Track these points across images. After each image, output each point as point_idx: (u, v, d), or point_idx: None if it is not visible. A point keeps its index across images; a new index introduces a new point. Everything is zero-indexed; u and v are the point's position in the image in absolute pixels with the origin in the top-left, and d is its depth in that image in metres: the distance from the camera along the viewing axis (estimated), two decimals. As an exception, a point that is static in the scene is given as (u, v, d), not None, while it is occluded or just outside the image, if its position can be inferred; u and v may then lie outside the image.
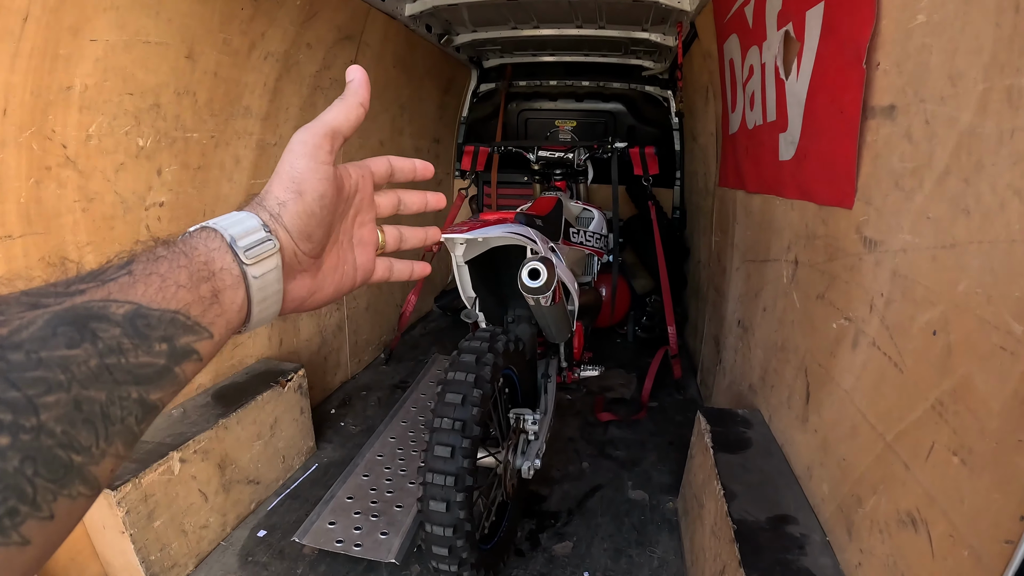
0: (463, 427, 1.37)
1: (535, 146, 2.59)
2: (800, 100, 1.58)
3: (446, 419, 1.38)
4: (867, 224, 1.21)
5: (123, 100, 1.65)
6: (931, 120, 0.99)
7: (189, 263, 0.40)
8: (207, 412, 1.97)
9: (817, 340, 1.44)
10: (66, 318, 0.31)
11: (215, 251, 0.42)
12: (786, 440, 1.58)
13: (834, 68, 1.36)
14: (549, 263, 1.43)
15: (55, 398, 0.29)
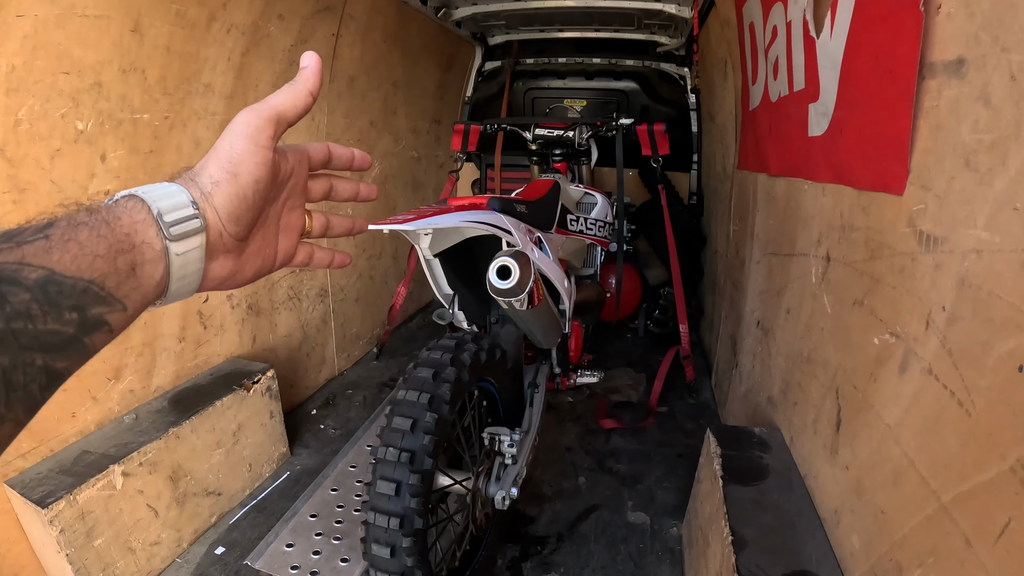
0: (411, 459, 1.14)
1: (531, 124, 2.33)
2: (835, 61, 1.31)
3: (391, 449, 1.15)
4: (923, 215, 0.95)
5: (57, 80, 1.48)
6: (1019, 75, 0.73)
7: (110, 232, 0.39)
8: (160, 419, 1.79)
9: (853, 356, 1.18)
10: None
11: (139, 223, 0.41)
12: (810, 471, 1.33)
13: (880, 16, 1.08)
14: (524, 259, 1.19)
15: None
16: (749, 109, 2.27)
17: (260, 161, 0.49)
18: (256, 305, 2.28)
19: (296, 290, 2.51)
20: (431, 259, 1.49)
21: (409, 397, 1.19)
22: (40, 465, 1.57)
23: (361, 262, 3.01)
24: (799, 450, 1.41)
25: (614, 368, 2.96)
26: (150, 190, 0.43)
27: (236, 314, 2.18)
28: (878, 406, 1.05)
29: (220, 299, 2.10)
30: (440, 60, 3.66)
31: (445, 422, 1.20)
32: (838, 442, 1.20)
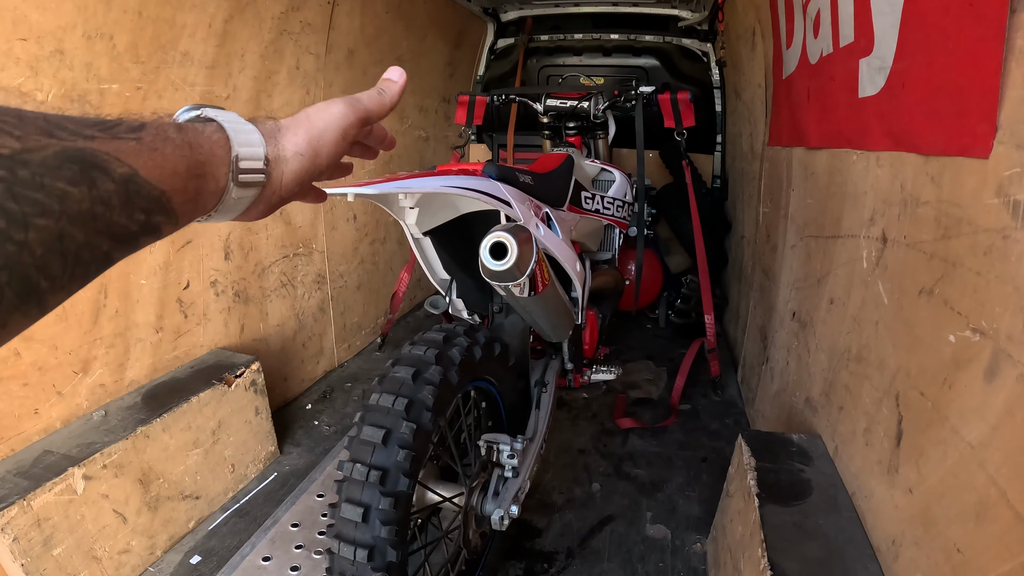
0: (383, 478, 0.96)
1: (543, 94, 2.12)
2: (894, 3, 1.09)
3: (359, 466, 0.97)
4: (1018, 181, 0.74)
5: (13, 47, 1.34)
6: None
7: (191, 155, 0.41)
8: (131, 417, 1.64)
9: (919, 356, 0.97)
10: (74, 157, 0.33)
11: (216, 158, 0.43)
12: (860, 489, 1.13)
13: None
14: (524, 234, 0.99)
15: (45, 223, 0.30)
16: (783, 77, 2.05)
17: (340, 152, 0.53)
18: (244, 292, 2.12)
19: (289, 276, 2.35)
20: (420, 238, 1.30)
21: (383, 403, 1.00)
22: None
23: (363, 247, 2.84)
24: (846, 463, 1.21)
25: (633, 362, 2.77)
26: (236, 131, 0.45)
27: (221, 302, 2.03)
28: (955, 419, 0.85)
29: (203, 286, 1.95)
30: (449, 35, 3.46)
31: (426, 432, 1.01)
32: (898, 459, 1.00)
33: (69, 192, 0.32)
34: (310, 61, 2.32)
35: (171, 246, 1.83)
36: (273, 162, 0.48)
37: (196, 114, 0.47)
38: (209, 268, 1.97)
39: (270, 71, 2.13)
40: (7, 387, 1.46)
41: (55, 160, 0.31)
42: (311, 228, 2.45)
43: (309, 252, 2.45)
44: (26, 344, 1.49)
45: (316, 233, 2.48)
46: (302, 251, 2.40)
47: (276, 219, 2.24)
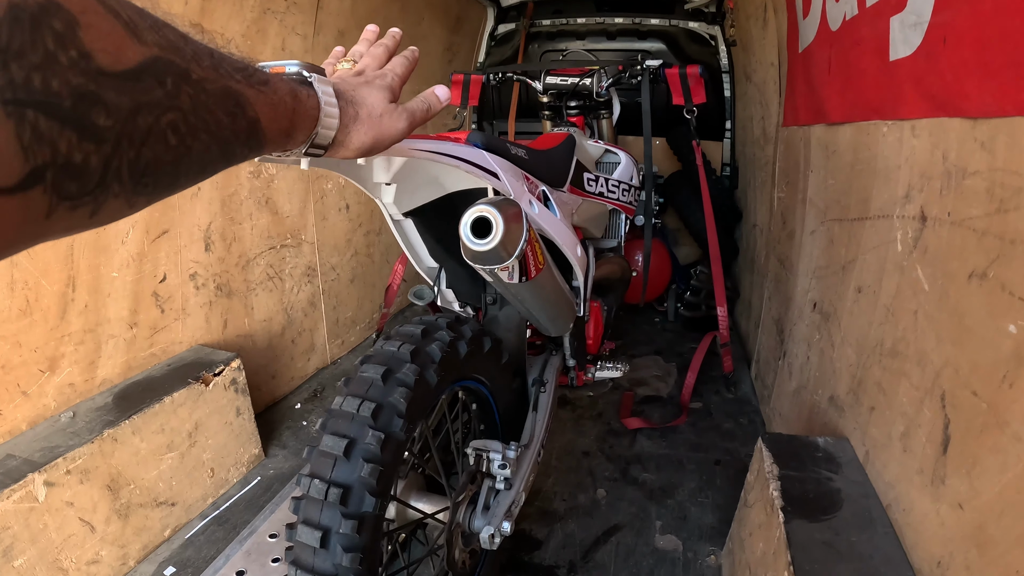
0: (344, 497, 0.83)
1: (541, 71, 1.98)
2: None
3: (317, 481, 0.84)
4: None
5: None
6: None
7: (292, 119, 0.51)
8: (99, 418, 1.53)
9: (970, 351, 0.83)
10: (231, 95, 0.41)
11: (305, 126, 0.54)
12: (897, 501, 0.99)
13: None
14: (513, 209, 0.86)
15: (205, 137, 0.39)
16: (799, 51, 1.90)
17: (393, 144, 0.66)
18: (226, 285, 2.00)
19: (277, 269, 2.23)
20: (400, 219, 1.17)
21: (347, 407, 0.87)
22: None
23: (357, 238, 2.72)
24: (879, 471, 1.08)
25: (641, 357, 2.63)
26: (325, 112, 0.56)
27: (202, 296, 1.91)
28: (1018, 424, 0.72)
29: (182, 279, 1.83)
30: (446, 19, 3.33)
31: (397, 442, 0.88)
32: (945, 468, 0.86)
33: (222, 120, 0.41)
34: (297, 42, 2.19)
35: (145, 236, 1.71)
36: (335, 146, 0.60)
37: (303, 74, 0.56)
38: (188, 260, 1.85)
39: (253, 52, 2.01)
40: None
41: (221, 93, 0.40)
42: (300, 218, 2.33)
43: (298, 243, 2.33)
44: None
45: (305, 223, 2.36)
46: (290, 242, 2.28)
47: (262, 208, 2.12)
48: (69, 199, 0.30)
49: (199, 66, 0.38)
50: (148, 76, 0.33)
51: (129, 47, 0.32)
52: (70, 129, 0.29)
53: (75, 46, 0.29)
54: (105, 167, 0.31)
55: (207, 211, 1.92)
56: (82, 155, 0.30)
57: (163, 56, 0.35)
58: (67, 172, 0.29)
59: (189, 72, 0.37)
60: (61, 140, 0.28)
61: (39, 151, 0.27)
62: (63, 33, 0.28)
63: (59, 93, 0.28)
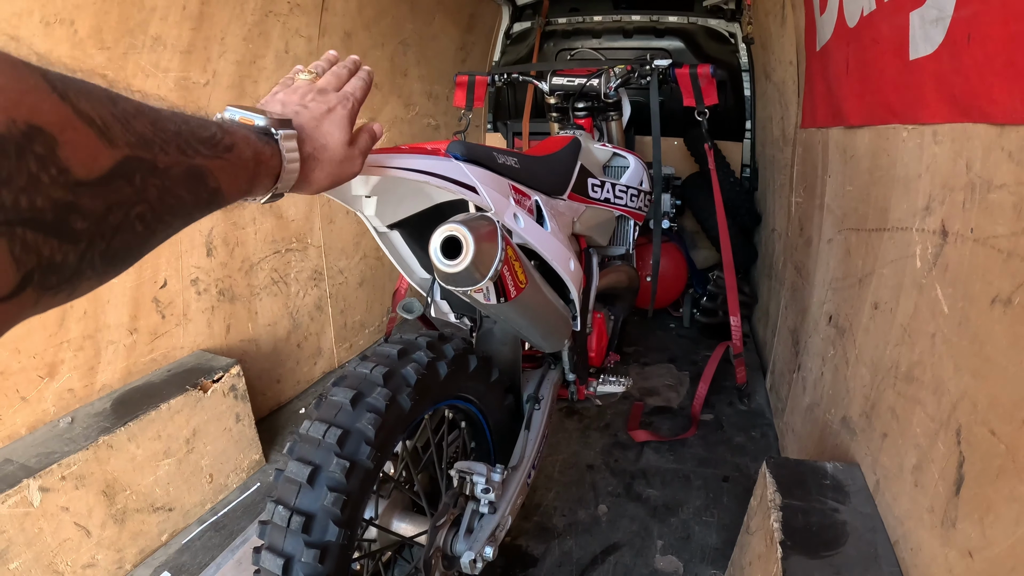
0: (307, 525, 0.79)
1: (548, 71, 1.92)
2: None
3: (281, 508, 0.81)
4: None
5: None
6: None
7: (253, 178, 0.55)
8: (96, 425, 1.53)
9: (992, 383, 0.76)
10: (193, 173, 0.44)
11: (267, 179, 0.58)
12: (906, 539, 0.92)
13: None
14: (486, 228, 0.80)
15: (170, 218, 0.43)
16: (816, 49, 1.81)
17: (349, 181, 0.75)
18: (229, 290, 1.99)
19: (282, 273, 2.21)
20: (385, 231, 1.13)
21: (313, 433, 0.84)
22: None
23: (365, 241, 2.69)
24: (889, 503, 1.00)
25: (653, 365, 2.56)
26: (289, 161, 0.60)
27: (203, 301, 1.90)
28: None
29: (183, 284, 1.82)
30: (459, 18, 3.28)
31: (365, 470, 0.84)
32: (956, 510, 0.79)
33: (185, 199, 0.44)
34: (300, 44, 2.17)
35: (144, 242, 1.70)
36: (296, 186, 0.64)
37: (270, 131, 0.58)
38: (189, 265, 1.84)
39: (255, 55, 1.99)
40: None
41: (186, 174, 0.43)
42: (305, 222, 2.31)
43: (304, 247, 2.31)
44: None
45: (311, 227, 2.34)
46: (295, 246, 2.26)
47: (265, 213, 2.11)
48: (51, 289, 0.34)
49: (166, 154, 0.40)
50: (119, 178, 0.36)
51: (102, 153, 0.35)
52: (52, 236, 0.32)
53: (55, 164, 0.32)
54: (81, 260, 0.35)
55: (208, 217, 1.89)
56: (62, 255, 0.33)
57: (133, 155, 0.38)
58: (50, 270, 0.33)
59: (156, 164, 0.39)
60: (45, 247, 0.32)
61: (27, 259, 0.31)
62: (44, 155, 0.31)
63: (42, 209, 0.31)
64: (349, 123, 0.69)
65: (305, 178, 0.64)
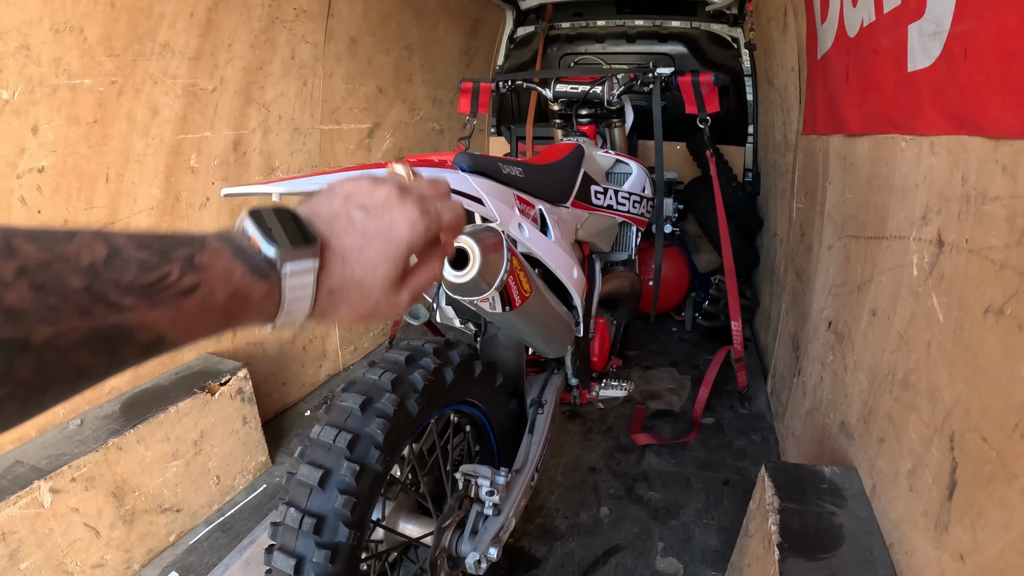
0: (318, 527, 0.82)
1: (552, 78, 1.94)
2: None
3: (293, 510, 0.83)
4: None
5: None
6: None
7: (226, 322, 0.40)
8: (105, 427, 1.55)
9: (984, 392, 0.78)
10: (103, 335, 0.33)
11: (256, 318, 0.43)
12: (900, 542, 0.94)
13: None
14: (492, 239, 0.83)
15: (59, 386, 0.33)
16: (817, 57, 1.83)
17: None
18: (236, 295, 2.01)
19: (287, 277, 2.23)
20: None
21: (324, 437, 0.86)
22: None
23: (370, 246, 2.71)
24: (885, 507, 1.02)
25: (655, 369, 2.58)
26: (293, 302, 0.43)
27: (211, 305, 1.92)
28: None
29: (190, 288, 1.85)
30: (464, 23, 3.31)
31: (374, 474, 0.87)
32: (949, 515, 0.81)
33: (87, 365, 0.33)
34: (307, 50, 2.19)
35: (153, 246, 1.73)
36: (317, 312, 0.46)
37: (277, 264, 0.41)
38: (197, 269, 1.87)
39: (262, 61, 2.01)
40: None
41: (83, 340, 0.32)
42: (311, 226, 2.33)
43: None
44: None
45: (316, 231, 2.36)
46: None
47: (271, 217, 2.13)
48: None
49: (51, 323, 0.32)
50: None
51: None
52: None
53: None
54: None
55: (215, 220, 1.94)
56: None
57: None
58: None
59: (27, 341, 0.31)
60: None
61: None
62: None
63: None
64: (406, 256, 0.49)
65: (321, 314, 0.47)
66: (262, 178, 1.00)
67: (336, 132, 2.42)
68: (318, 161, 2.33)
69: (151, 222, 1.74)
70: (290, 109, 2.18)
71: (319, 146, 2.33)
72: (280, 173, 2.16)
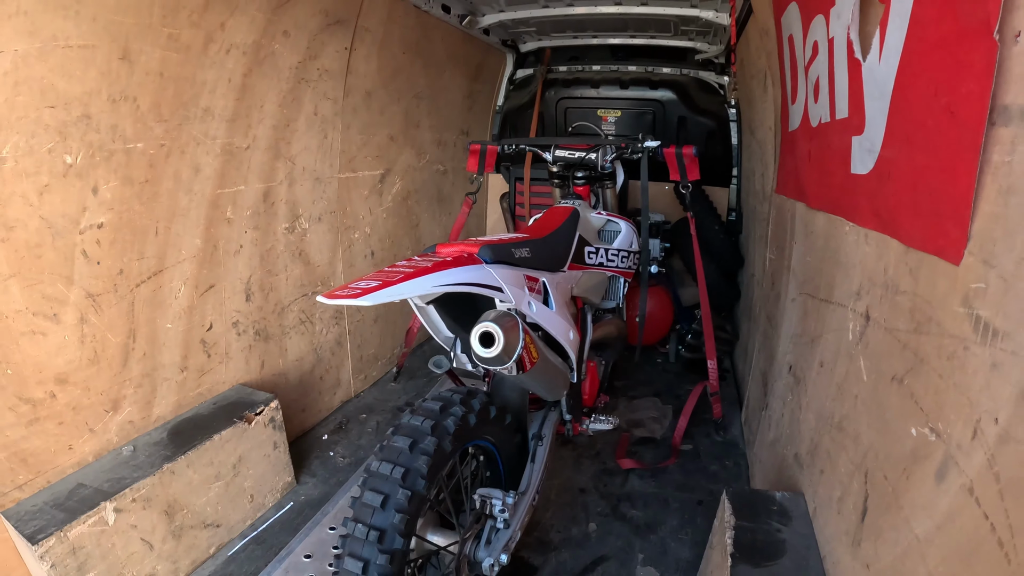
0: (380, 538, 1.06)
1: (552, 144, 2.20)
2: (884, 91, 1.12)
3: (360, 525, 1.07)
4: (982, 297, 0.78)
5: (42, 114, 1.46)
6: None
7: None
8: (157, 452, 1.75)
9: (887, 441, 1.02)
10: None
11: None
12: (830, 555, 1.17)
13: (941, 41, 0.89)
14: (511, 322, 1.08)
15: None
16: (788, 130, 2.09)
17: None
18: (264, 331, 2.23)
19: (308, 313, 2.46)
20: (423, 306, 1.39)
21: (382, 470, 1.11)
22: (36, 497, 1.57)
23: (379, 280, 2.94)
24: (821, 526, 1.26)
25: (640, 399, 2.82)
26: None
27: (243, 341, 2.14)
28: (908, 510, 0.90)
29: (225, 327, 2.06)
30: (467, 69, 3.56)
31: (420, 497, 1.12)
32: (862, 533, 1.04)
33: None
34: (327, 106, 2.42)
35: (195, 291, 1.94)
36: None
37: None
38: (231, 310, 2.08)
39: (288, 119, 2.23)
40: (44, 426, 1.58)
41: None
42: (329, 266, 2.56)
43: (328, 289, 2.55)
44: (61, 387, 1.60)
45: (335, 271, 2.59)
46: (320, 289, 2.51)
47: (295, 260, 2.36)
48: None
49: None
50: None
51: None
52: None
53: None
54: None
55: (247, 266, 2.14)
56: None
57: None
58: None
59: None
60: None
61: None
62: None
63: None
64: None
65: None
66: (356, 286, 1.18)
67: (352, 179, 2.65)
68: (336, 208, 2.56)
69: (193, 269, 1.95)
70: (312, 161, 2.40)
71: (337, 193, 2.56)
72: (303, 221, 2.38)
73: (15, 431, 1.52)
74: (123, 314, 1.74)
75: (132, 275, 1.76)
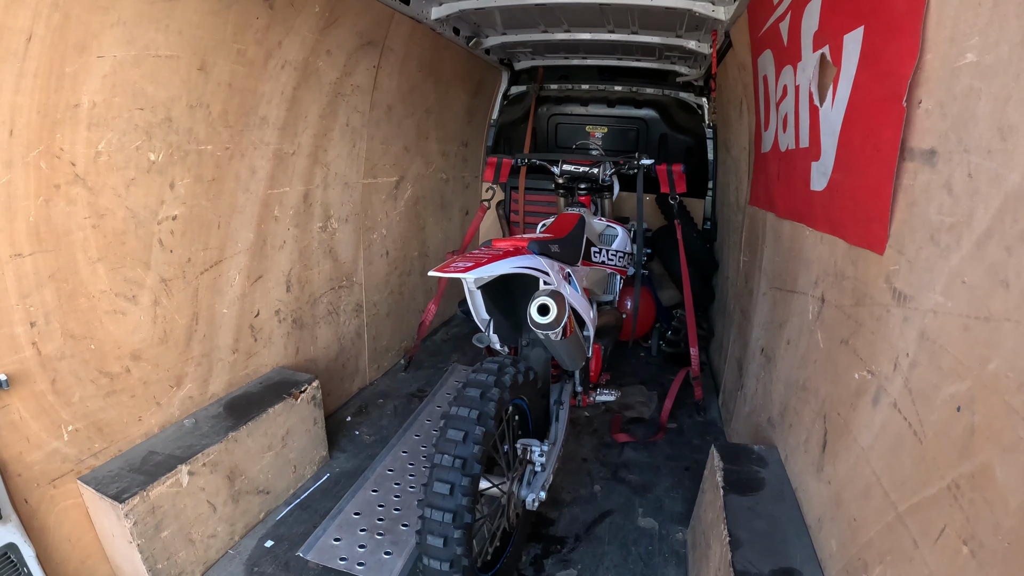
0: (463, 464, 1.35)
1: (559, 159, 2.54)
2: (834, 130, 1.49)
3: (446, 456, 1.36)
4: (897, 275, 1.13)
5: (133, 115, 1.65)
6: (974, 174, 0.91)
7: None
8: (218, 424, 1.97)
9: (839, 388, 1.36)
10: None
11: None
12: (800, 485, 1.51)
13: (872, 101, 1.27)
14: (560, 297, 1.39)
15: None
16: (761, 151, 2.45)
17: None
18: (300, 319, 2.49)
19: (335, 305, 2.72)
20: (474, 290, 1.70)
21: (461, 413, 1.40)
22: (111, 464, 1.72)
23: (393, 279, 3.22)
24: (792, 467, 1.59)
25: (628, 386, 3.15)
26: None
27: (283, 328, 2.39)
28: (855, 431, 1.23)
29: (269, 314, 2.31)
30: (469, 85, 3.86)
31: (490, 434, 1.41)
32: (823, 461, 1.38)
33: None
34: (357, 118, 2.70)
35: (247, 280, 2.19)
36: None
37: None
38: (274, 299, 2.34)
39: (326, 129, 2.50)
40: (119, 398, 1.75)
41: None
42: (353, 263, 2.83)
43: (351, 284, 2.83)
44: (135, 363, 1.79)
45: (357, 267, 2.86)
46: (345, 283, 2.78)
47: (326, 256, 2.62)
48: None
49: None
50: None
51: None
52: None
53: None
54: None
55: (289, 260, 2.40)
56: None
57: None
58: None
59: None
60: None
61: None
62: None
63: None
64: None
65: None
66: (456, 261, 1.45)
67: (373, 185, 2.93)
68: (359, 210, 2.83)
69: (246, 261, 2.20)
70: (343, 167, 2.67)
71: (361, 197, 2.83)
72: (333, 221, 2.65)
73: (94, 402, 1.69)
74: (189, 298, 1.96)
75: (198, 263, 1.98)
